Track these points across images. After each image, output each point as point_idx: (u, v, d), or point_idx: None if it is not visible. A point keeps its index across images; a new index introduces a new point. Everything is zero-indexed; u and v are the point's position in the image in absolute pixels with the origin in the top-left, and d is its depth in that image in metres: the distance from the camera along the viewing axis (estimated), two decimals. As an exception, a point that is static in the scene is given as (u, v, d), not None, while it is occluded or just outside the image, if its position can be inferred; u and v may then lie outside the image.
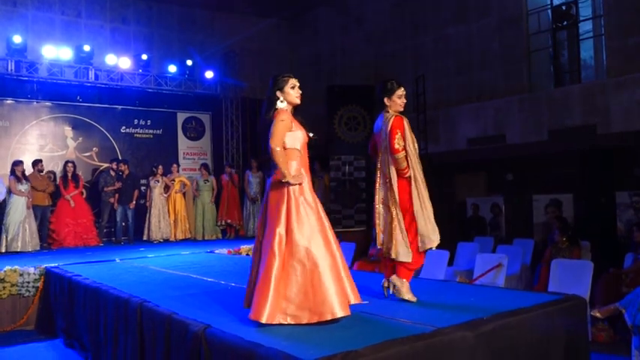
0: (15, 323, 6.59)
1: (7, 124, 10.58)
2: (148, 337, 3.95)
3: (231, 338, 3.07)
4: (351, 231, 11.35)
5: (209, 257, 7.78)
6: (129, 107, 11.93)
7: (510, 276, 7.07)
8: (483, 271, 6.70)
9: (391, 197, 3.84)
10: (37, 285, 6.71)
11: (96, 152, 11.50)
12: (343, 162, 12.22)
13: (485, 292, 4.55)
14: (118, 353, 4.44)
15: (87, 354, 5.19)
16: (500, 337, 3.30)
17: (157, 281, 5.49)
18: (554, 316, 3.70)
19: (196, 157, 12.68)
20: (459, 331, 3.14)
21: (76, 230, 9.89)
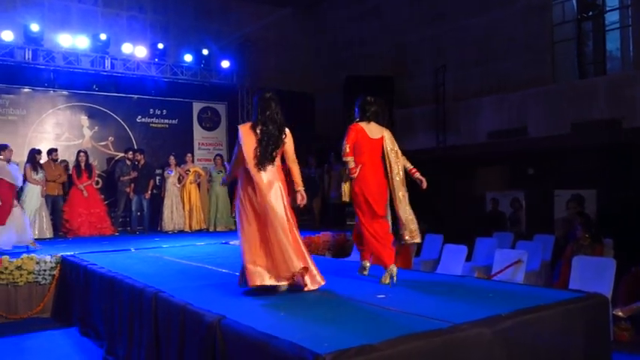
0: (31, 310, 6.73)
1: (24, 113, 10.75)
2: (162, 328, 4.01)
3: (246, 329, 3.10)
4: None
5: (224, 248, 7.83)
6: (145, 96, 12.03)
7: (530, 272, 7.02)
8: (502, 267, 6.66)
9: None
10: (53, 273, 6.83)
11: (112, 141, 11.64)
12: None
13: (503, 288, 4.52)
14: (132, 343, 4.52)
15: (102, 342, 5.28)
16: (519, 334, 3.29)
17: (171, 271, 5.55)
18: (575, 315, 3.67)
19: (211, 147, 12.75)
20: (476, 327, 3.13)
21: (90, 220, 10.03)
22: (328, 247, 9.51)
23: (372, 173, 4.78)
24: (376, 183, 4.77)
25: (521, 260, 6.59)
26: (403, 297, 4.09)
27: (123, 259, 6.63)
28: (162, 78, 12.02)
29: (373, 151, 4.82)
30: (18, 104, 10.69)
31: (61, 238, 9.61)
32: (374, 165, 4.80)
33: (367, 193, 4.72)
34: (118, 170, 10.62)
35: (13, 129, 10.60)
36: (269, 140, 4.24)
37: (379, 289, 4.37)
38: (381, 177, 4.81)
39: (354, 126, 4.85)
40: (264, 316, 3.50)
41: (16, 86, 10.69)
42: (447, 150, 11.67)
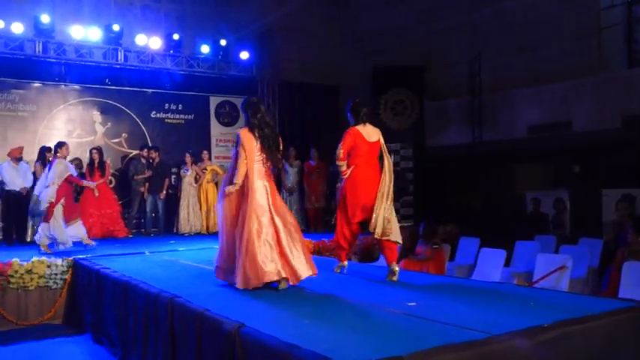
0: (42, 316, 6.88)
1: (35, 109, 10.97)
2: (179, 335, 4.07)
3: (267, 338, 3.12)
4: (397, 226, 11.28)
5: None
6: (159, 90, 12.17)
7: (575, 279, 6.92)
8: (545, 273, 6.59)
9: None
10: (64, 277, 6.98)
11: (125, 138, 11.80)
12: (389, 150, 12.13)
13: (546, 296, 4.47)
14: (147, 351, 4.59)
15: (115, 350, 5.37)
16: (563, 347, 3.24)
17: (188, 276, 5.62)
18: (626, 326, 3.60)
19: (230, 144, 12.83)
20: (515, 338, 3.10)
21: (101, 221, 10.16)
22: (354, 251, 9.49)
23: (364, 176, 5.19)
24: (365, 187, 5.16)
25: (566, 266, 6.51)
26: (436, 305, 4.07)
27: (137, 262, 6.74)
28: (178, 71, 12.15)
29: (370, 154, 5.23)
30: (28, 100, 10.92)
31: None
32: (370, 167, 5.21)
33: (349, 198, 5.20)
34: (132, 169, 10.78)
35: (23, 125, 10.84)
36: (270, 142, 4.73)
37: (409, 296, 4.36)
38: (375, 180, 5.17)
39: (351, 130, 5.23)
40: (286, 324, 3.52)
41: (26, 81, 10.91)
42: (484, 146, 11.56)
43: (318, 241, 9.12)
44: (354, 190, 5.19)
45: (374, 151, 5.23)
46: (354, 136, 5.21)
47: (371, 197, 5.15)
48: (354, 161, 5.21)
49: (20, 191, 9.17)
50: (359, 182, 5.16)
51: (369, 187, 5.16)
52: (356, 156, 5.20)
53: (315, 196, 11.14)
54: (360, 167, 5.18)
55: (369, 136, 5.22)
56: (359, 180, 5.17)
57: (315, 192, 11.13)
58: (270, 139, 4.72)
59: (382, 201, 5.12)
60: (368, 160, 5.21)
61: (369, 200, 5.16)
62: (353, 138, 5.20)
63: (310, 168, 11.22)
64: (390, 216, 5.15)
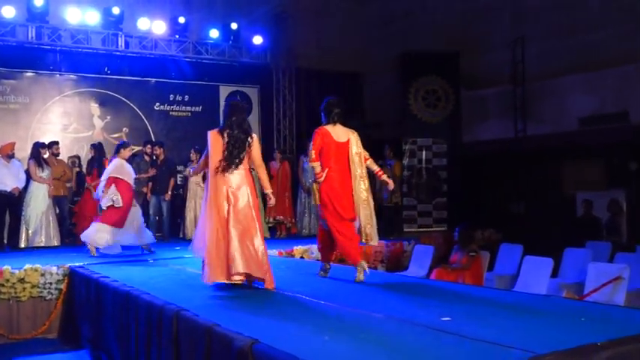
0: (36, 330, 6.99)
1: (27, 101, 11.15)
2: (185, 352, 4.10)
3: (283, 356, 3.13)
4: (429, 231, 11.25)
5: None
6: (163, 80, 12.30)
7: (633, 292, 6.84)
8: (598, 284, 6.52)
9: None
10: (60, 287, 7.08)
11: (126, 133, 11.93)
12: (419, 146, 12.13)
13: (599, 311, 4.41)
14: (151, 369, 4.63)
15: (116, 368, 5.43)
16: (619, 368, 3.19)
17: (196, 286, 5.65)
18: (691, 345, 3.54)
19: (242, 139, 12.92)
20: (563, 359, 3.07)
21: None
22: (381, 259, 9.48)
23: (338, 177, 5.73)
24: (342, 186, 5.72)
25: (622, 277, 6.44)
26: (473, 320, 4.05)
27: (139, 271, 6.80)
28: (184, 58, 12.24)
29: (339, 155, 5.75)
30: (20, 91, 11.11)
31: (68, 246, 9.92)
32: (341, 168, 5.74)
33: (333, 197, 5.68)
34: (135, 167, 10.82)
35: (14, 119, 11.02)
36: (235, 144, 5.30)
37: (442, 310, 4.33)
38: (348, 180, 5.74)
39: (320, 129, 5.78)
40: (304, 340, 3.52)
41: (17, 70, 11.11)
42: (528, 141, 11.47)
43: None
44: (333, 189, 5.71)
45: (343, 151, 5.76)
46: (322, 136, 5.74)
47: (348, 197, 5.73)
48: (326, 162, 5.75)
49: (12, 192, 9.30)
50: (335, 182, 5.72)
51: (344, 187, 5.73)
52: (327, 157, 5.74)
53: None
54: (333, 168, 5.74)
55: (338, 136, 5.76)
56: (335, 180, 5.72)
57: None
58: (237, 141, 5.31)
59: (360, 207, 5.69)
60: (338, 161, 5.75)
61: (347, 199, 5.72)
62: (322, 138, 5.73)
63: None
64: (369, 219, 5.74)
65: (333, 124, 5.81)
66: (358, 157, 5.76)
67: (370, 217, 5.74)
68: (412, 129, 12.10)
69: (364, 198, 5.73)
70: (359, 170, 5.75)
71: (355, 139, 5.80)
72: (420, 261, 9.08)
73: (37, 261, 7.33)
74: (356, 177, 5.71)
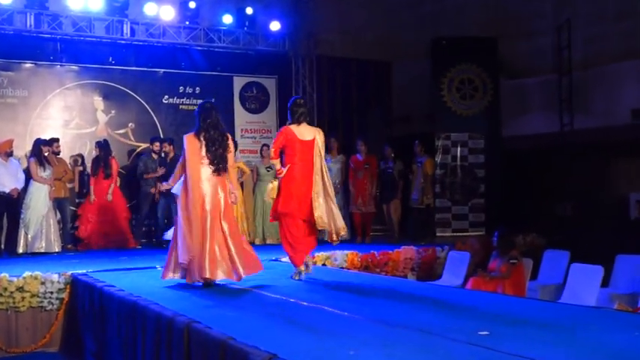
0: (36, 343, 7.07)
1: (26, 94, 11.26)
2: (197, 368, 4.12)
3: (304, 374, 3.13)
4: (465, 236, 11.18)
5: (274, 267, 7.94)
6: (172, 71, 12.36)
7: (693, 304, 6.73)
8: (654, 295, 6.42)
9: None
10: (61, 296, 7.16)
11: (132, 129, 12.00)
12: (454, 142, 12.06)
13: (656, 325, 4.35)
14: (160, 386, 4.67)
15: (122, 385, 5.49)
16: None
17: (208, 296, 5.69)
18: None
19: (257, 134, 12.94)
20: (616, 378, 3.03)
21: (104, 230, 10.41)
22: (411, 267, 9.45)
23: (300, 174, 6.39)
24: (303, 184, 6.37)
25: (681, 287, 6.33)
26: (513, 335, 4.02)
27: (147, 279, 6.84)
28: (195, 46, 12.29)
29: (304, 153, 6.42)
30: (18, 83, 11.21)
31: (70, 252, 10.05)
32: (305, 166, 6.40)
33: (291, 194, 6.36)
34: (142, 165, 10.88)
35: (12, 114, 11.12)
36: (215, 145, 6.00)
37: (480, 323, 4.31)
38: (310, 178, 6.37)
39: (283, 129, 6.56)
40: (326, 355, 3.52)
41: (15, 61, 11.21)
42: (574, 135, 11.35)
43: (365, 254, 9.10)
44: (289, 188, 6.40)
45: (308, 149, 6.43)
46: (285, 135, 6.46)
47: (307, 195, 6.37)
48: (289, 160, 6.45)
49: (10, 193, 9.40)
50: (293, 180, 6.39)
51: (304, 185, 6.38)
52: (290, 155, 6.44)
53: (363, 197, 11.02)
54: (296, 165, 6.40)
55: (303, 135, 6.44)
56: (293, 178, 6.40)
57: (362, 193, 11.02)
58: (216, 142, 6.01)
59: (319, 201, 6.34)
60: (303, 159, 6.41)
61: (305, 198, 6.37)
62: (284, 137, 6.45)
63: (357, 163, 11.14)
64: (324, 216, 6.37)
65: (297, 123, 6.48)
66: (319, 155, 6.46)
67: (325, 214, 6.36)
68: (445, 123, 12.03)
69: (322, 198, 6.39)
70: (323, 168, 6.48)
71: (321, 139, 6.53)
72: (455, 269, 9.03)
73: (36, 268, 7.40)
74: (319, 172, 6.40)
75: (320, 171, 6.42)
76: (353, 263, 8.90)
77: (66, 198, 10.37)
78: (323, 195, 6.39)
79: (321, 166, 6.45)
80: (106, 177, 10.48)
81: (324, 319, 4.56)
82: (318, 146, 6.45)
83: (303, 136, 6.44)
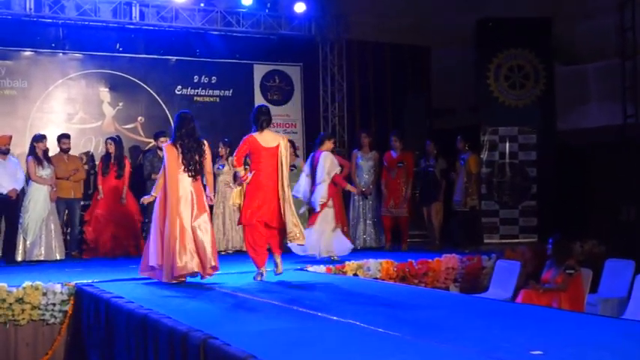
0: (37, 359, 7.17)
1: (25, 85, 11.39)
2: (214, 389, 4.15)
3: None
4: (515, 243, 11.11)
5: (300, 277, 7.97)
6: (186, 58, 12.43)
7: None
8: None
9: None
10: (65, 308, 7.23)
11: (141, 123, 12.09)
12: (502, 137, 11.99)
13: None
14: (173, 409, 4.70)
15: (131, 408, 5.54)
16: None
17: (226, 308, 5.73)
18: None
19: (281, 129, 12.94)
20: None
21: (114, 235, 10.47)
22: (454, 278, 9.40)
23: (265, 180, 7.40)
24: (266, 190, 7.40)
25: None
26: (570, 356, 3.99)
27: (159, 290, 6.92)
28: (211, 30, 12.35)
29: (268, 159, 7.44)
30: (16, 73, 11.34)
31: (74, 260, 10.16)
32: (269, 172, 7.42)
33: (254, 200, 7.40)
34: (148, 165, 10.90)
35: (10, 107, 11.26)
36: (190, 152, 7.25)
37: (533, 341, 4.28)
38: (274, 184, 7.39)
39: (247, 137, 7.53)
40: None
41: (13, 49, 11.33)
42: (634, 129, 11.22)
43: (402, 263, 9.07)
44: (253, 193, 7.43)
45: (273, 156, 7.43)
46: (248, 144, 7.48)
47: (271, 201, 7.40)
48: (254, 167, 7.49)
49: (8, 195, 9.48)
50: (257, 186, 7.41)
51: (269, 191, 7.38)
52: (255, 162, 7.49)
53: (395, 199, 10.95)
54: (260, 172, 7.41)
55: (267, 142, 7.46)
56: (257, 184, 7.41)
57: (394, 194, 10.96)
58: (191, 149, 7.25)
59: (285, 205, 7.35)
60: (268, 165, 7.42)
61: (269, 204, 7.39)
62: (248, 145, 7.48)
63: (390, 161, 11.09)
64: (296, 219, 7.44)
65: (261, 131, 7.48)
66: (286, 161, 7.47)
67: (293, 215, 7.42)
68: (492, 115, 11.96)
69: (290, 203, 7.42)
70: (286, 172, 7.43)
71: (284, 144, 7.51)
72: (504, 280, 8.98)
73: (37, 277, 7.47)
74: (284, 178, 7.38)
75: (286, 177, 7.42)
76: (388, 273, 8.88)
77: (77, 199, 10.49)
78: (285, 201, 7.38)
79: (286, 173, 7.45)
80: (118, 177, 10.54)
81: (356, 336, 4.56)
82: (281, 153, 7.43)
83: (267, 143, 7.46)
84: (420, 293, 5.98)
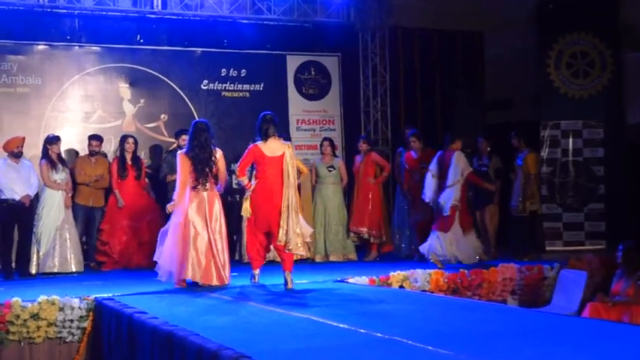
0: (54, 382, 7.27)
1: (39, 82, 11.54)
2: (247, 413, 4.17)
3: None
4: (580, 250, 10.97)
5: (340, 289, 7.96)
6: (213, 50, 12.51)
7: None
8: None
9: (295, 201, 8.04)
10: (83, 325, 7.29)
11: (165, 121, 12.18)
12: (564, 132, 11.85)
13: None
14: None
15: None
16: None
17: (260, 325, 5.74)
18: None
19: (317, 126, 12.97)
20: None
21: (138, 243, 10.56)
22: (512, 289, 9.33)
23: (269, 189, 8.01)
24: (270, 199, 7.98)
25: None
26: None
27: (185, 304, 6.95)
28: (240, 19, 12.40)
29: (274, 167, 8.05)
30: (29, 69, 11.49)
31: (93, 272, 10.26)
32: (274, 181, 8.01)
33: (257, 209, 8.11)
34: (165, 167, 10.85)
35: (22, 106, 11.41)
36: (200, 163, 8.06)
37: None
38: (279, 193, 7.94)
39: (251, 147, 8.21)
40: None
41: (26, 42, 11.49)
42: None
43: (453, 274, 9.02)
44: (256, 201, 8.09)
45: (278, 164, 8.04)
46: (252, 153, 8.15)
47: (273, 209, 7.92)
48: (259, 175, 8.16)
49: (21, 201, 9.58)
50: (261, 195, 8.05)
51: (272, 200, 7.96)
52: (260, 171, 8.16)
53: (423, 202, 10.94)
54: (264, 180, 8.06)
55: (272, 151, 8.07)
56: (261, 193, 8.05)
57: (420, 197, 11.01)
58: (202, 162, 8.06)
59: (288, 214, 7.82)
60: (273, 174, 8.02)
61: (271, 212, 7.95)
62: (252, 155, 8.16)
63: (412, 163, 11.00)
64: (299, 229, 7.90)
65: (265, 140, 8.09)
66: (292, 169, 8.01)
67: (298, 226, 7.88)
68: (553, 108, 11.82)
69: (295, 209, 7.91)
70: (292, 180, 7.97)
71: (290, 153, 8.07)
72: (568, 292, 8.90)
73: (53, 291, 7.53)
74: (288, 187, 7.92)
75: (292, 185, 7.96)
76: (438, 285, 8.84)
77: (99, 207, 10.59)
78: (291, 209, 7.88)
79: (292, 181, 7.98)
80: (137, 178, 10.67)
81: (402, 355, 4.54)
82: (286, 161, 8.01)
83: (272, 152, 8.08)
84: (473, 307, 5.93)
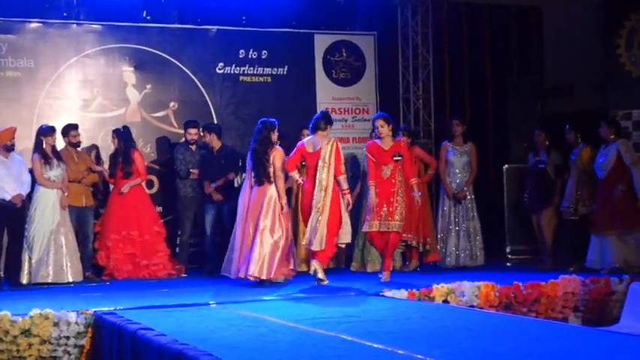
0: (47, 406, 7.29)
1: (32, 65, 11.55)
2: None
3: None
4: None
5: (376, 304, 7.95)
6: (229, 28, 12.52)
7: None
8: None
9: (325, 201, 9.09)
10: (81, 342, 7.31)
11: (174, 110, 12.17)
12: (636, 122, 11.74)
13: None
14: None
15: None
16: None
17: (281, 344, 5.74)
18: None
19: (349, 116, 12.96)
20: None
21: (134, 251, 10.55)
22: (574, 306, 9.24)
23: (310, 187, 9.07)
24: (308, 197, 9.09)
25: None
26: None
27: (196, 320, 6.97)
28: (260, -7, 12.42)
29: (312, 165, 9.10)
30: (21, 50, 11.50)
31: (91, 283, 10.29)
32: (313, 179, 9.04)
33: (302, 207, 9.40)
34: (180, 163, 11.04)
35: (13, 93, 11.44)
36: (256, 161, 9.29)
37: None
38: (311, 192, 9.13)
39: (298, 144, 9.37)
40: None
41: (17, 20, 11.49)
42: None
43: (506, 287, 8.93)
44: (301, 200, 9.47)
45: (314, 161, 9.05)
46: (299, 150, 9.28)
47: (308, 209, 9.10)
48: (307, 172, 9.36)
49: (11, 201, 9.58)
50: (304, 193, 9.29)
51: (310, 198, 9.04)
52: (307, 167, 9.33)
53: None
54: (309, 177, 9.19)
55: (312, 146, 9.11)
56: (305, 191, 9.26)
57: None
58: (257, 161, 9.29)
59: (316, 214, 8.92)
60: (312, 171, 9.09)
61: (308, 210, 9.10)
62: (299, 153, 9.28)
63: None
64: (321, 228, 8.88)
65: (314, 133, 9.21)
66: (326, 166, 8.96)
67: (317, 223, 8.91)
68: (624, 94, 11.75)
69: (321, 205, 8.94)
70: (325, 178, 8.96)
71: (329, 147, 9.00)
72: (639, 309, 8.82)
73: (47, 304, 7.50)
74: (320, 185, 8.92)
75: (321, 184, 8.95)
76: (488, 300, 8.75)
77: (89, 207, 10.63)
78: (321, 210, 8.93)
79: (326, 178, 8.95)
80: (125, 176, 10.61)
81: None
82: (321, 157, 8.95)
83: (312, 147, 9.12)
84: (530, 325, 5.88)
